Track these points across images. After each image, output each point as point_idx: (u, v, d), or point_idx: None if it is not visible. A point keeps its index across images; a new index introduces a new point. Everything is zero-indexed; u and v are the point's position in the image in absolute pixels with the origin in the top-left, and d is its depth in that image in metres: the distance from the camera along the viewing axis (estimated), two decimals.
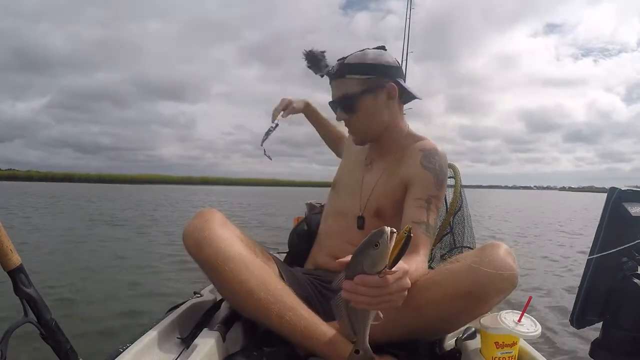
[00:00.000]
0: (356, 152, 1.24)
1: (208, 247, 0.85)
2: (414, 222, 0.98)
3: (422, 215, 0.99)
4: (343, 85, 1.08)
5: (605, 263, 0.66)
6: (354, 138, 1.16)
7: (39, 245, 4.23)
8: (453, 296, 0.83)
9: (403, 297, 0.65)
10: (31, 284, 0.67)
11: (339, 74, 1.08)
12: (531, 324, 0.81)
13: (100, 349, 1.67)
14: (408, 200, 1.04)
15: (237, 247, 0.87)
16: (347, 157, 1.31)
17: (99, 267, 3.41)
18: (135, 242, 4.80)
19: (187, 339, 0.92)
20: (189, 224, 0.89)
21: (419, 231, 0.96)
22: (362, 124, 1.11)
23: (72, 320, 2.10)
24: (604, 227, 0.65)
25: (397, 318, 0.89)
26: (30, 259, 3.31)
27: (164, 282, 2.98)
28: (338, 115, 1.12)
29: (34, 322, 0.67)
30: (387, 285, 0.61)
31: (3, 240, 0.64)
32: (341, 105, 1.10)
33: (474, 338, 0.90)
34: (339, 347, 0.85)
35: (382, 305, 0.63)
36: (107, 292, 2.67)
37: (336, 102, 1.11)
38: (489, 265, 0.82)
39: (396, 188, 1.08)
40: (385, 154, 1.15)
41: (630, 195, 0.65)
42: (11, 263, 0.65)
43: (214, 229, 0.87)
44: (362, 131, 1.13)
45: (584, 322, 0.69)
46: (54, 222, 6.91)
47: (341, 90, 1.08)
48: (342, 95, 1.08)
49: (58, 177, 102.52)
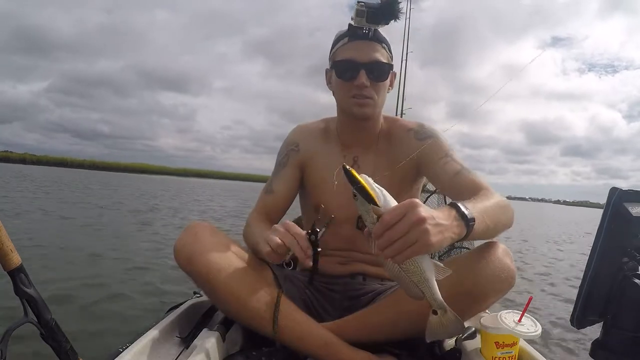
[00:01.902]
0: (326, 154, 1.12)
1: (198, 262, 0.86)
2: (452, 176, 0.97)
3: (453, 166, 0.99)
4: (377, 50, 1.01)
5: (606, 263, 0.66)
6: (363, 108, 1.03)
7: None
8: (452, 297, 0.83)
9: (423, 230, 0.58)
10: (31, 284, 0.67)
11: (378, 38, 1.02)
12: (531, 324, 0.81)
13: (100, 349, 1.67)
14: (431, 169, 1.03)
15: (227, 259, 0.88)
16: (316, 162, 1.12)
17: (96, 266, 3.41)
18: (135, 240, 4.80)
19: (186, 339, 0.92)
20: (178, 240, 0.90)
21: (462, 177, 0.96)
22: (379, 96, 1.04)
23: (71, 320, 2.10)
24: (605, 227, 0.65)
25: (396, 320, 0.90)
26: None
27: (163, 282, 2.97)
28: (360, 78, 0.99)
29: (34, 322, 0.67)
30: (387, 223, 0.58)
31: (3, 240, 0.64)
32: (372, 69, 1.00)
33: (474, 338, 0.90)
34: (334, 349, 0.86)
35: (410, 248, 0.58)
36: (107, 292, 2.67)
37: (367, 64, 0.99)
38: (488, 265, 0.82)
39: (405, 175, 1.05)
40: (366, 146, 1.10)
41: (631, 196, 0.65)
42: (11, 263, 0.65)
43: (203, 243, 0.88)
44: (375, 103, 1.04)
45: (585, 322, 0.69)
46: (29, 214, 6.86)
47: (374, 55, 1.00)
48: (376, 60, 1.00)
49: (52, 161, 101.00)
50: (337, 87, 1.06)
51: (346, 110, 1.06)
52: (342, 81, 1.03)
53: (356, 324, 0.94)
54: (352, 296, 1.05)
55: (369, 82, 1.00)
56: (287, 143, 1.16)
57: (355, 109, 1.03)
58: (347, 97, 1.03)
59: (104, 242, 4.33)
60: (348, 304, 1.03)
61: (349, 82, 1.01)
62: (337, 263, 1.09)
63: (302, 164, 1.13)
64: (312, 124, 1.19)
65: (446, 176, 0.99)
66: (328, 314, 1.03)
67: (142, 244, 4.46)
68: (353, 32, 1.01)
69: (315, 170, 1.12)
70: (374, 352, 0.89)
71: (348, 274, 1.08)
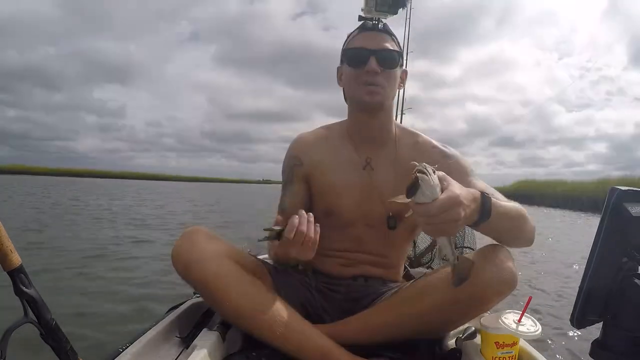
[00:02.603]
0: (334, 158, 1.10)
1: (196, 269, 0.86)
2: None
3: (480, 184, 0.99)
4: (387, 40, 1.03)
5: (606, 263, 0.66)
6: (374, 96, 1.01)
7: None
8: (454, 300, 0.83)
9: (457, 224, 0.69)
10: (31, 284, 0.67)
11: (387, 31, 1.05)
12: (531, 324, 0.81)
13: (100, 349, 1.67)
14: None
15: (225, 265, 0.88)
16: (323, 170, 1.10)
17: (96, 264, 3.41)
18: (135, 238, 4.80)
19: (186, 339, 0.92)
20: (175, 246, 0.90)
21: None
22: (390, 83, 1.03)
23: (71, 319, 2.10)
24: (604, 227, 0.65)
25: (399, 323, 0.90)
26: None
27: (163, 281, 2.97)
28: (371, 64, 0.99)
29: (34, 322, 0.67)
30: (438, 211, 0.66)
31: (3, 240, 0.64)
32: (382, 56, 1.01)
33: (474, 338, 0.90)
34: (332, 356, 0.86)
35: (438, 229, 0.70)
36: (107, 291, 2.67)
37: (377, 51, 1.00)
38: (490, 268, 0.82)
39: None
40: (380, 148, 1.09)
41: (630, 196, 0.65)
42: (11, 263, 0.65)
43: (200, 249, 0.88)
44: (385, 92, 1.03)
45: (584, 322, 0.69)
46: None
47: (384, 44, 1.02)
48: (387, 47, 1.02)
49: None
50: (348, 77, 1.05)
51: (357, 99, 1.05)
52: (352, 69, 1.03)
53: (357, 326, 0.94)
54: (354, 298, 1.04)
55: (379, 68, 0.99)
56: (289, 159, 1.14)
57: (367, 97, 1.01)
58: (357, 85, 1.02)
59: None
60: (349, 305, 1.03)
61: (359, 70, 1.01)
62: (340, 264, 1.08)
63: (307, 176, 1.11)
64: (311, 133, 1.17)
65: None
66: (328, 315, 1.03)
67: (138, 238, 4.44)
68: (363, 25, 1.05)
69: (322, 177, 1.10)
70: (371, 357, 0.89)
71: (350, 276, 1.07)
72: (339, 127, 1.15)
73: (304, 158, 1.12)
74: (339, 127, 1.15)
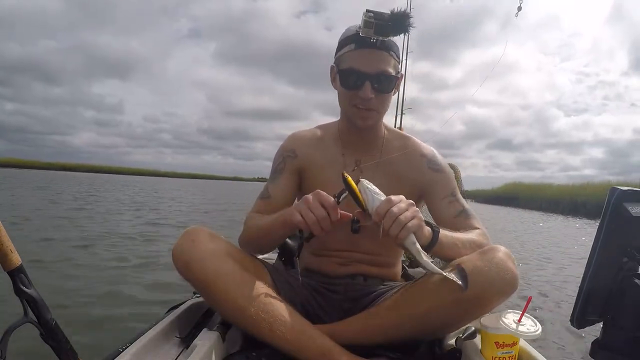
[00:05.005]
0: (326, 158, 1.10)
1: (196, 268, 0.86)
2: (453, 217, 1.03)
3: (456, 207, 1.04)
4: (384, 60, 0.97)
5: (606, 263, 0.66)
6: (366, 121, 1.02)
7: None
8: (455, 301, 0.83)
9: (415, 210, 0.82)
10: (31, 284, 0.67)
11: (386, 47, 0.96)
12: (531, 324, 0.81)
13: (100, 349, 1.67)
14: (434, 203, 1.07)
15: (225, 264, 0.88)
16: (316, 168, 1.11)
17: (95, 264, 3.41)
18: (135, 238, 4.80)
19: (186, 339, 0.92)
20: (176, 245, 0.89)
21: (462, 219, 1.02)
22: (384, 105, 1.02)
23: (71, 319, 2.10)
24: (605, 227, 0.65)
25: (399, 324, 0.90)
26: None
27: (163, 281, 2.97)
28: (365, 91, 0.96)
29: (34, 322, 0.67)
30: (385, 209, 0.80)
31: (3, 240, 0.64)
32: (378, 80, 0.96)
33: (474, 338, 0.90)
34: (332, 356, 0.85)
35: (394, 229, 0.80)
36: (106, 291, 2.67)
37: (373, 76, 0.96)
38: (491, 269, 0.82)
39: (408, 193, 0.96)
40: (368, 151, 1.09)
41: (630, 196, 0.65)
42: (11, 263, 0.65)
43: (201, 249, 0.88)
44: (378, 114, 1.03)
45: (585, 322, 0.69)
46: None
47: (381, 66, 0.96)
48: (383, 71, 0.96)
49: None
50: (341, 95, 1.04)
51: (348, 118, 1.05)
52: (346, 90, 1.00)
53: (357, 326, 0.93)
54: (353, 297, 1.05)
55: (373, 94, 0.97)
56: (282, 150, 1.14)
57: (359, 121, 1.02)
58: (350, 106, 1.01)
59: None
60: (349, 305, 1.03)
61: (352, 92, 0.98)
62: (338, 264, 1.08)
63: (300, 170, 1.11)
64: (307, 131, 1.17)
65: (448, 215, 1.04)
66: (328, 315, 1.03)
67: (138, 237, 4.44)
68: (361, 39, 0.95)
69: (315, 175, 1.10)
70: (371, 357, 0.89)
71: (348, 275, 1.07)
72: (332, 127, 1.16)
73: (299, 151, 1.12)
74: (332, 127, 1.16)
